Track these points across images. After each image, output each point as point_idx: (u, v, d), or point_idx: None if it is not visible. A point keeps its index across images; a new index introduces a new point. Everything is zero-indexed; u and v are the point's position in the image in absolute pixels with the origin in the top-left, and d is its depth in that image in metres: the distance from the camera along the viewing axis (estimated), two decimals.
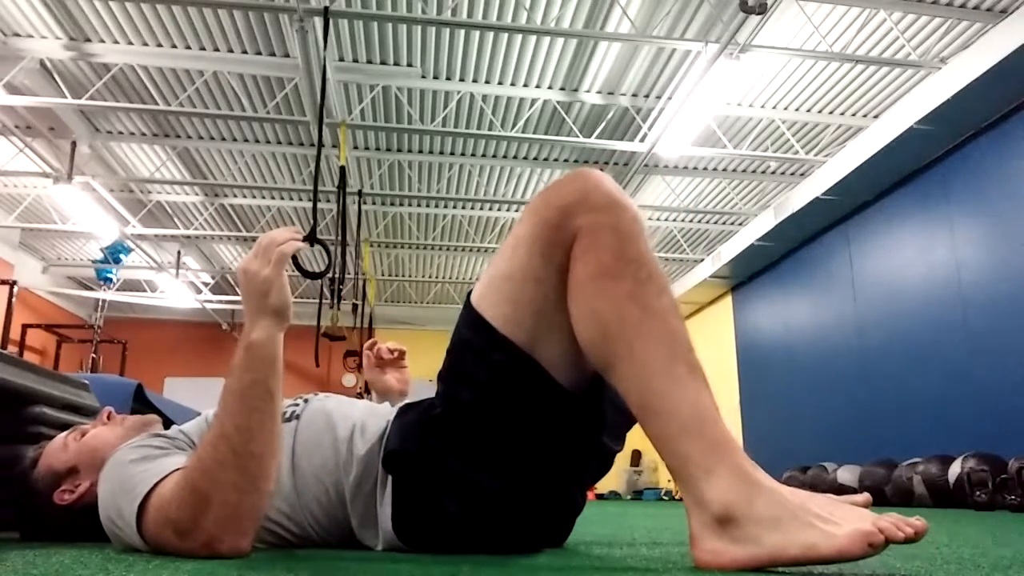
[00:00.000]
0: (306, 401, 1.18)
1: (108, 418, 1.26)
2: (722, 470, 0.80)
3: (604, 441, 1.10)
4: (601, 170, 0.96)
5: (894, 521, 0.72)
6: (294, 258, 1.03)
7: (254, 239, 8.50)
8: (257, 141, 6.84)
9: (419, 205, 8.38)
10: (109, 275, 9.31)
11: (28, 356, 8.50)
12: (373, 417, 1.13)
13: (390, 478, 1.05)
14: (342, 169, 4.72)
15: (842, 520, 0.74)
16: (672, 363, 0.84)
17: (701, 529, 0.81)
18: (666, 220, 8.61)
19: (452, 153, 7.06)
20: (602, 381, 0.99)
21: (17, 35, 5.24)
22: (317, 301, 4.88)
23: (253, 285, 0.97)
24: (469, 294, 1.02)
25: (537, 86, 5.92)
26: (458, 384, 1.01)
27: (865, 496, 0.87)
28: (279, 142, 6.84)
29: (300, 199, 7.97)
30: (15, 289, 7.93)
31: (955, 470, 4.35)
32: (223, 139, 6.80)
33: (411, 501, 1.03)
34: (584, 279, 0.89)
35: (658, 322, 0.86)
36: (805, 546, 0.73)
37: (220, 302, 10.65)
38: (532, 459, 1.00)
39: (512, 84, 5.89)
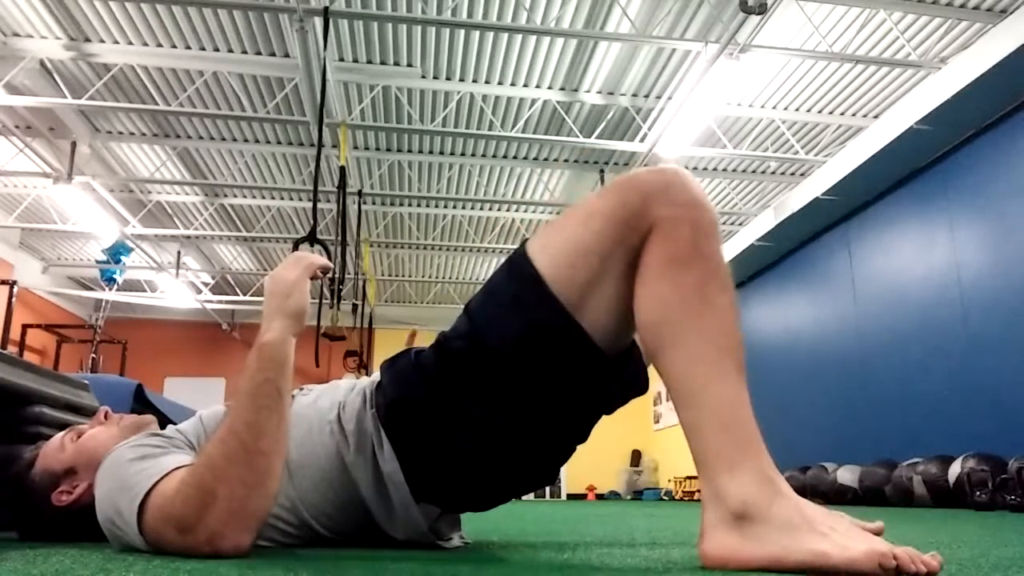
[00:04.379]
0: (292, 397, 1.19)
1: (105, 418, 1.26)
2: (747, 469, 0.81)
3: (611, 403, 1.13)
4: (601, 171, 0.97)
5: (911, 553, 0.72)
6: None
7: (254, 239, 8.50)
8: (257, 141, 6.84)
9: (419, 205, 8.38)
10: (114, 275, 9.30)
11: (28, 356, 8.50)
12: (352, 392, 1.16)
13: (383, 433, 1.07)
14: (342, 169, 4.72)
15: (858, 538, 0.75)
16: (721, 357, 0.87)
17: (715, 522, 0.82)
18: None
19: (452, 153, 7.06)
20: (630, 353, 1.04)
21: (17, 35, 5.25)
22: (317, 301, 4.88)
23: (277, 286, 1.05)
24: (524, 242, 1.03)
25: (537, 86, 5.93)
26: (490, 328, 1.01)
27: (878, 524, 0.87)
28: (279, 142, 6.84)
29: (300, 199, 7.97)
30: (15, 289, 7.93)
31: (955, 470, 4.35)
32: (223, 139, 6.80)
33: (415, 445, 1.06)
34: (655, 263, 0.92)
35: (717, 316, 0.89)
36: (816, 552, 0.74)
37: (220, 302, 10.65)
38: (546, 405, 1.03)
39: (512, 84, 5.89)
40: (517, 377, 1.00)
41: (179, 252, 9.27)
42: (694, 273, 0.90)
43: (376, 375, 1.18)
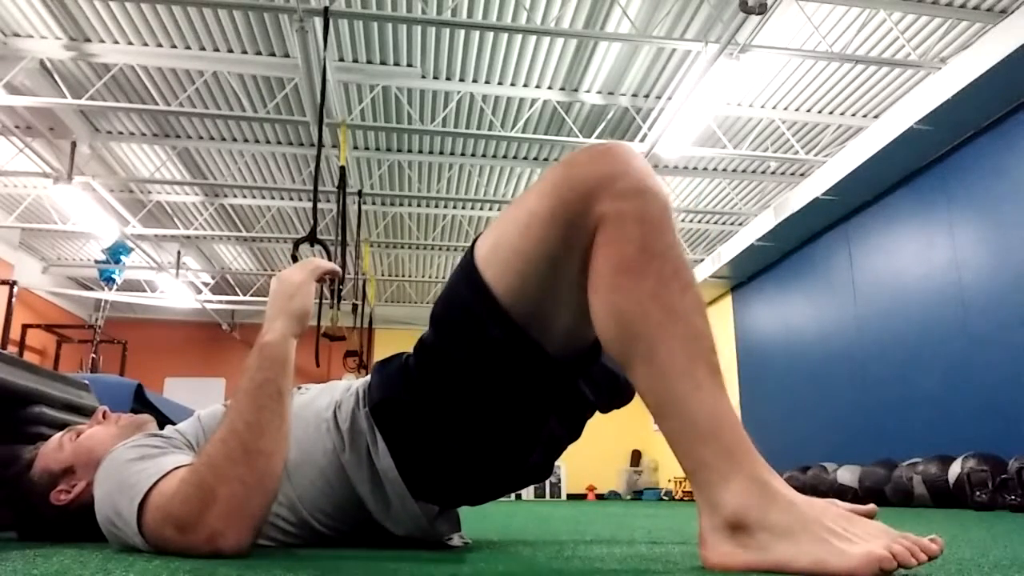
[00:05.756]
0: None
1: (103, 417, 1.27)
2: (738, 476, 0.79)
3: (590, 400, 1.14)
4: None
5: (909, 546, 0.71)
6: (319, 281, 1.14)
7: (254, 239, 8.48)
8: (257, 141, 6.84)
9: (419, 205, 8.38)
10: (113, 275, 9.31)
11: (28, 356, 8.50)
12: (347, 392, 1.16)
13: (378, 432, 1.07)
14: (342, 169, 4.72)
15: (856, 538, 0.73)
16: (692, 366, 0.82)
17: (711, 532, 0.81)
18: None
19: (452, 153, 7.06)
20: (595, 353, 1.02)
21: (17, 35, 5.24)
22: (317, 301, 4.88)
23: (283, 287, 1.06)
24: (474, 243, 0.99)
25: (537, 86, 5.92)
26: (449, 341, 1.01)
27: (871, 507, 0.86)
28: (279, 142, 6.84)
29: (300, 199, 7.97)
30: (15, 289, 7.93)
31: (955, 470, 4.35)
32: (223, 139, 6.80)
33: (406, 443, 1.06)
34: (606, 272, 0.85)
35: (681, 323, 0.83)
36: (815, 560, 0.73)
37: (220, 302, 10.65)
38: (513, 409, 1.03)
39: (512, 84, 5.89)
40: (481, 384, 1.00)
41: (179, 252, 9.27)
42: (649, 278, 0.83)
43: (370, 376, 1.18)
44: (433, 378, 1.03)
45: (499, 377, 0.99)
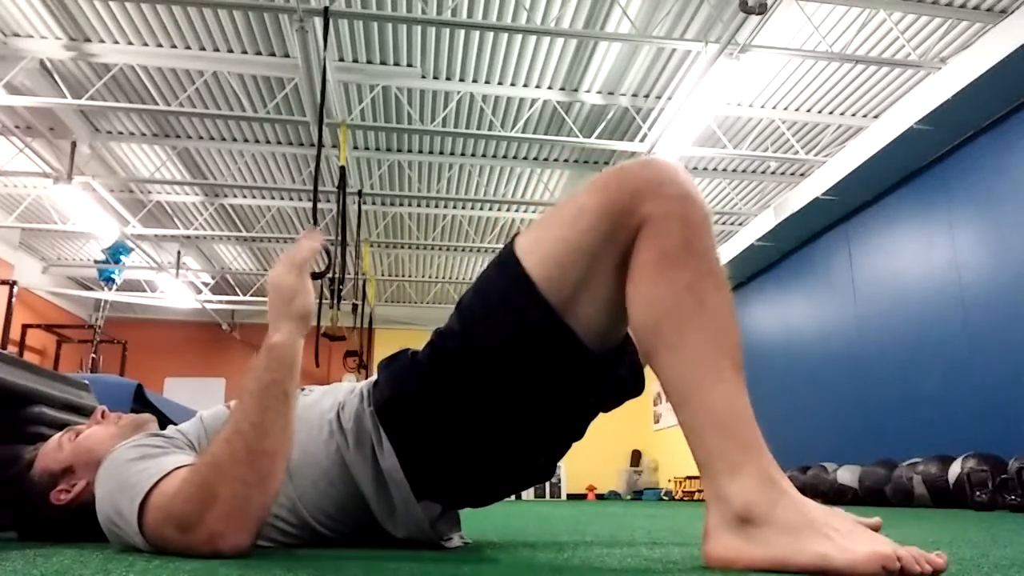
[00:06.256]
0: None
1: (102, 417, 1.26)
2: (749, 470, 0.80)
3: (603, 400, 1.14)
4: (601, 171, 0.97)
5: (915, 554, 0.71)
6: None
7: (254, 239, 8.47)
8: (257, 141, 6.84)
9: (419, 205, 8.38)
10: (112, 275, 9.30)
11: (28, 356, 8.50)
12: (351, 394, 1.16)
13: (383, 430, 1.07)
14: (342, 169, 4.72)
15: (861, 540, 0.74)
16: (718, 358, 0.86)
17: (718, 524, 0.82)
18: None
19: (452, 153, 7.06)
20: (624, 349, 1.04)
21: (17, 35, 5.25)
22: (317, 301, 4.88)
23: (278, 292, 1.03)
24: (514, 237, 1.02)
25: (537, 86, 5.92)
26: (481, 328, 1.01)
27: (876, 520, 0.87)
28: (279, 142, 6.84)
29: (300, 199, 7.97)
30: (15, 289, 7.93)
31: (955, 470, 4.35)
32: (223, 139, 6.80)
33: (412, 441, 1.06)
34: (647, 263, 0.90)
35: (711, 316, 0.88)
36: (818, 554, 0.73)
37: (220, 302, 10.65)
38: (537, 403, 1.03)
39: (512, 84, 5.89)
40: (508, 376, 1.00)
41: (179, 252, 9.27)
42: (687, 272, 0.88)
43: (374, 375, 1.18)
44: (453, 371, 1.03)
45: (531, 366, 0.99)
